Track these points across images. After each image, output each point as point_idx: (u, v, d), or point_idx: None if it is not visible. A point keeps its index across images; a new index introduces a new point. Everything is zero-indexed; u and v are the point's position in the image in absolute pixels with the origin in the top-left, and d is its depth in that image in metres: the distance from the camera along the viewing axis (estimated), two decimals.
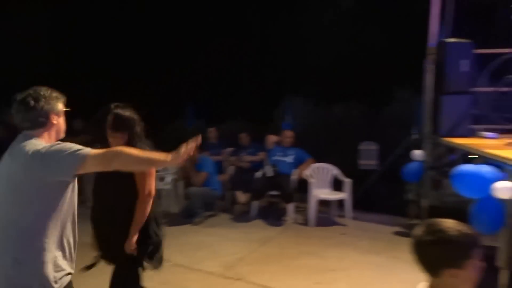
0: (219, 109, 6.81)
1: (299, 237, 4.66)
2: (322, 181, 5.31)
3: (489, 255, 3.08)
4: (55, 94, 1.76)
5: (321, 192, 5.15)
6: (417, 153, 4.64)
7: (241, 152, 5.87)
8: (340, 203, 5.14)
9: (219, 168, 5.77)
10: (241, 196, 5.50)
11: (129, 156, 1.66)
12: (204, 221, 5.05)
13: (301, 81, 6.95)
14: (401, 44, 6.09)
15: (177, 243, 4.13)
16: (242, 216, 5.28)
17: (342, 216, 5.11)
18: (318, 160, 5.46)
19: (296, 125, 6.12)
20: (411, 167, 4.66)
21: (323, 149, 5.81)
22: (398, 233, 4.66)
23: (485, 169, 2.97)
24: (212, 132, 6.12)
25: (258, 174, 5.39)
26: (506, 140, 3.83)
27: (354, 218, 5.07)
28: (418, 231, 1.47)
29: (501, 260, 2.92)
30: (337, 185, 5.28)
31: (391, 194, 5.23)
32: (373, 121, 6.32)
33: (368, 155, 5.76)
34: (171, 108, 7.31)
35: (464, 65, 4.31)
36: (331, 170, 5.33)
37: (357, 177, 5.43)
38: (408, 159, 4.78)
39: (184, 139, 1.71)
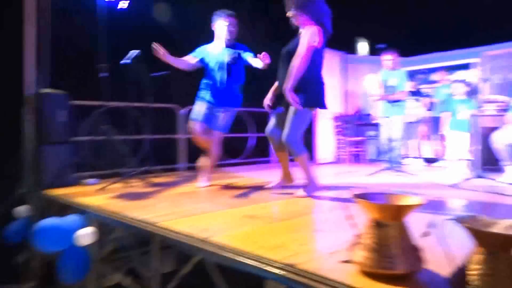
0: None
1: None
2: None
3: None
4: None
5: None
6: (21, 209, 4.24)
7: None
8: None
9: None
10: None
11: None
12: None
13: None
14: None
15: None
16: None
17: None
18: None
19: None
20: (15, 226, 4.19)
21: None
22: None
23: (67, 220, 3.02)
24: None
25: None
26: (102, 185, 4.17)
27: None
28: None
29: None
30: None
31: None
32: None
33: None
34: None
35: (62, 115, 4.40)
36: None
37: None
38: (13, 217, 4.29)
39: None
